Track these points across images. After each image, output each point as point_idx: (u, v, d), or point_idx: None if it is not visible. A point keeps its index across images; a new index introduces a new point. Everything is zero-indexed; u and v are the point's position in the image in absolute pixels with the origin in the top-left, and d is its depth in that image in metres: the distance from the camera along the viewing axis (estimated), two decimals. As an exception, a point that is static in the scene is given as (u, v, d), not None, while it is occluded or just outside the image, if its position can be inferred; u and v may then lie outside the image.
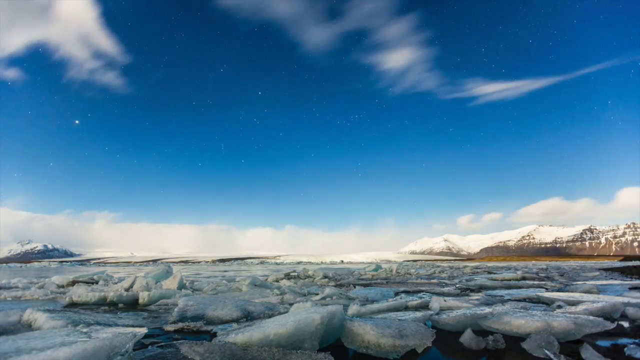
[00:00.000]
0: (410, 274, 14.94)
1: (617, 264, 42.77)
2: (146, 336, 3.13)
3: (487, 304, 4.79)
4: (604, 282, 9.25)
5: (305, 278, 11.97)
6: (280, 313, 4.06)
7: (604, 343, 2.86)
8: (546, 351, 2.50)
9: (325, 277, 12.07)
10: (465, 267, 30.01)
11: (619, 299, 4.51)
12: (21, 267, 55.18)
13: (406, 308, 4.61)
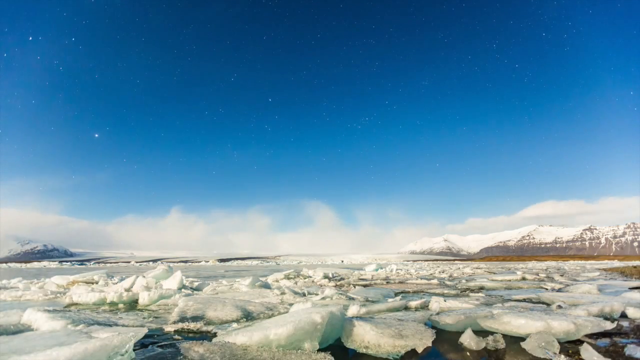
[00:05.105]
0: (410, 274, 14.94)
1: (617, 264, 42.77)
2: (146, 336, 3.14)
3: (487, 304, 4.79)
4: (604, 282, 9.25)
5: (305, 278, 11.97)
6: (280, 313, 4.06)
7: (604, 343, 2.86)
8: (546, 351, 2.50)
9: (325, 277, 12.07)
10: (465, 267, 30.01)
11: (619, 299, 4.52)
12: (21, 267, 55.17)
13: (406, 308, 4.61)
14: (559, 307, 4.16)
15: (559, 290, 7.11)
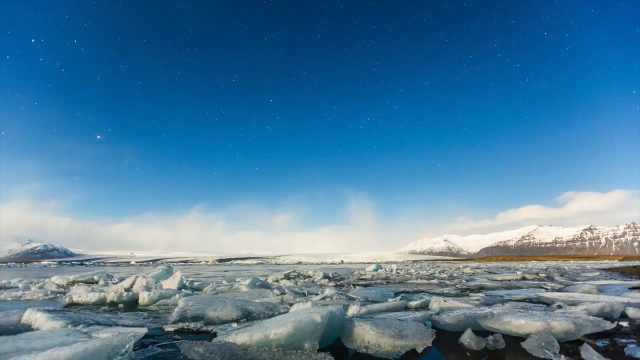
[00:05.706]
0: (410, 274, 14.94)
1: (617, 264, 42.76)
2: (146, 336, 3.13)
3: (487, 304, 4.79)
4: (604, 282, 9.25)
5: (305, 278, 11.97)
6: (280, 313, 4.05)
7: (604, 343, 2.86)
8: (546, 351, 2.50)
9: (325, 277, 12.07)
10: (465, 267, 30.00)
11: (619, 299, 4.51)
12: (21, 267, 55.17)
13: (406, 308, 4.61)
14: (559, 307, 4.16)
15: (559, 290, 7.11)
